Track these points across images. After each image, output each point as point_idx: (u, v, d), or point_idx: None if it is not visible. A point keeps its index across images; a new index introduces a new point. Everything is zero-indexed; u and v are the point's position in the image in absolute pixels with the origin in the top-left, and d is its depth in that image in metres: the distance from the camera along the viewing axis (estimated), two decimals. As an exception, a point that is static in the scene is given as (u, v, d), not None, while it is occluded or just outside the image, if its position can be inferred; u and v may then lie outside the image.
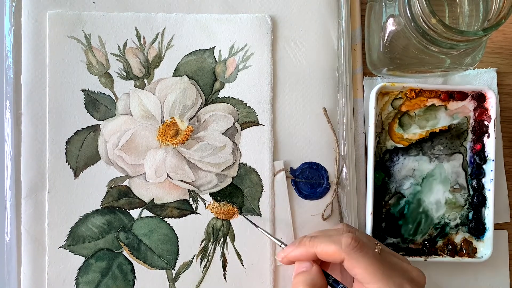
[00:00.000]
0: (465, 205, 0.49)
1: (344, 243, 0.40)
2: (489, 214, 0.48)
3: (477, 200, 0.48)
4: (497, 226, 0.50)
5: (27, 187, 0.46)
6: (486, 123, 0.48)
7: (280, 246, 0.45)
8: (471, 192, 0.49)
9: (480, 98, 0.48)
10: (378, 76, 0.50)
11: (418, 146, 0.49)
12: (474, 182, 0.49)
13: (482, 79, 0.50)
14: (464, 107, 0.49)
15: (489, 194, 0.48)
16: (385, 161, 0.49)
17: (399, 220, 0.49)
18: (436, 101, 0.49)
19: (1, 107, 0.46)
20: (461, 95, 0.48)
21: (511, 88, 0.51)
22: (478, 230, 0.48)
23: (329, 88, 0.48)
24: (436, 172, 0.49)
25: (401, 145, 0.49)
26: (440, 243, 0.49)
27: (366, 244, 0.40)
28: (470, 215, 0.49)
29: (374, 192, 0.47)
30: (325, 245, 0.41)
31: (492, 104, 0.48)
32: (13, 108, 0.46)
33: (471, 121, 0.49)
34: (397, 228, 0.49)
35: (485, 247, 0.48)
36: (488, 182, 0.48)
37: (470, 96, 0.49)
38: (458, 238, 0.49)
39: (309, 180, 0.48)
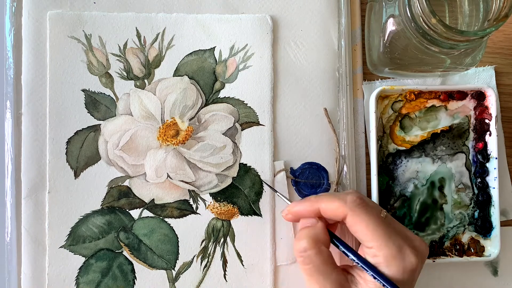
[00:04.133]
0: (471, 204, 0.49)
1: (349, 200, 0.40)
2: (495, 212, 0.48)
3: (482, 199, 0.48)
4: (503, 224, 0.50)
5: (28, 187, 0.46)
6: (487, 121, 0.48)
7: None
8: (476, 191, 0.49)
9: (479, 96, 0.48)
10: (377, 80, 0.50)
11: (421, 148, 0.49)
12: (478, 181, 0.49)
13: (481, 77, 0.50)
14: (464, 107, 0.49)
15: (494, 192, 0.48)
16: (388, 165, 0.49)
17: (405, 223, 0.48)
18: (436, 102, 0.49)
19: (1, 107, 0.46)
20: (460, 95, 0.48)
21: (511, 88, 0.51)
22: (484, 228, 0.48)
23: (330, 88, 0.48)
24: (439, 172, 0.49)
25: (404, 148, 0.49)
26: (447, 243, 0.49)
27: (371, 205, 0.40)
28: (476, 214, 0.49)
29: (379, 196, 0.47)
30: (329, 200, 0.41)
31: (492, 102, 0.48)
32: (14, 108, 0.46)
33: (472, 120, 0.49)
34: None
35: (492, 245, 0.48)
36: (492, 180, 0.48)
37: (469, 95, 0.49)
38: (465, 238, 0.49)
39: (309, 181, 0.48)
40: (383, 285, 0.38)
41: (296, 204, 0.43)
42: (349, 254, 0.41)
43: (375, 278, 0.38)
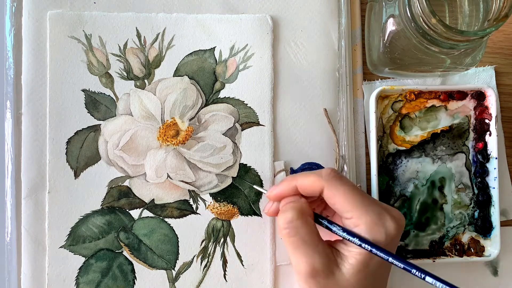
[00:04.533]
0: (471, 204, 0.49)
1: (324, 173, 0.40)
2: (495, 212, 0.48)
3: (482, 199, 0.48)
4: (503, 224, 0.50)
5: (28, 187, 0.45)
6: (487, 121, 0.48)
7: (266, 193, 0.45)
8: (476, 191, 0.49)
9: (479, 96, 0.48)
10: (377, 80, 0.50)
11: (421, 148, 0.49)
12: (478, 181, 0.49)
13: (481, 77, 0.50)
14: (464, 107, 0.49)
15: (494, 192, 0.48)
16: (388, 165, 0.49)
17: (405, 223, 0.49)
18: (436, 102, 0.49)
19: (1, 107, 0.46)
20: (460, 95, 0.48)
21: (511, 88, 0.51)
22: (484, 228, 0.48)
23: (330, 88, 0.48)
24: (439, 172, 0.49)
25: (404, 148, 0.49)
26: (447, 243, 0.49)
27: (346, 178, 0.41)
28: (476, 214, 0.49)
29: (379, 196, 0.47)
30: (305, 176, 0.41)
31: (492, 102, 0.48)
32: (14, 108, 0.46)
33: (472, 120, 0.49)
34: (404, 231, 0.48)
35: (492, 245, 0.48)
36: (492, 180, 0.48)
37: (469, 95, 0.49)
38: (465, 238, 0.49)
39: (309, 181, 0.48)
40: (370, 251, 0.38)
41: (273, 188, 0.43)
42: (332, 227, 0.41)
43: (361, 245, 0.38)
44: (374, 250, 0.38)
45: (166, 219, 0.47)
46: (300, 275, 0.40)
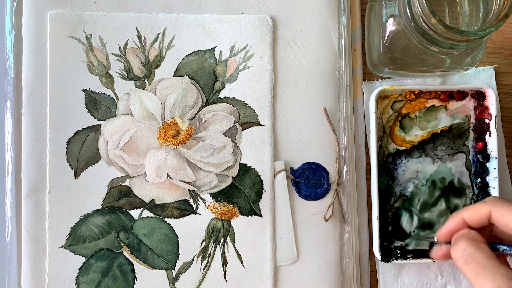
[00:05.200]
0: (471, 204, 0.49)
1: (488, 199, 0.40)
2: None
3: (482, 198, 0.48)
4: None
5: (28, 187, 0.46)
6: (487, 121, 0.48)
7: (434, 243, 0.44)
8: (476, 191, 0.49)
9: (479, 96, 0.48)
10: (377, 80, 0.50)
11: (421, 148, 0.49)
12: (478, 181, 0.49)
13: (481, 77, 0.50)
14: (464, 106, 0.49)
15: (494, 192, 0.48)
16: (388, 165, 0.49)
17: (405, 223, 0.48)
18: (436, 102, 0.49)
19: (1, 107, 0.46)
20: (460, 95, 0.48)
21: (511, 88, 0.51)
22: None
23: (330, 88, 0.49)
24: (440, 172, 0.49)
25: (404, 148, 0.49)
26: (447, 243, 0.49)
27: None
28: (477, 213, 0.49)
29: (379, 196, 0.47)
30: (469, 207, 0.41)
31: (491, 102, 0.48)
32: (14, 108, 0.46)
33: (472, 120, 0.49)
34: (404, 231, 0.48)
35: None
36: (492, 180, 0.48)
37: (469, 95, 0.49)
38: None
39: (309, 181, 0.48)
40: None
41: (441, 228, 0.42)
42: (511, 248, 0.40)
43: None
44: None
45: (166, 219, 0.47)
46: None
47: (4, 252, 0.46)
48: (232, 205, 0.47)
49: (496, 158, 0.48)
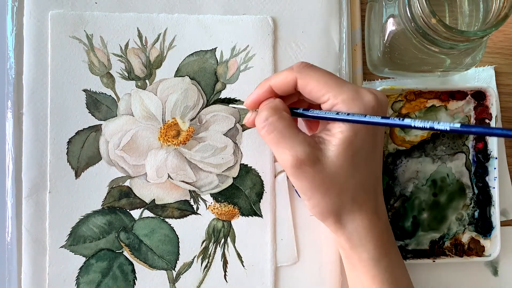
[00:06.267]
0: (471, 204, 0.49)
1: (295, 66, 0.40)
2: (495, 212, 0.48)
3: (482, 199, 0.48)
4: (503, 223, 0.50)
5: (28, 187, 0.45)
6: (487, 121, 0.48)
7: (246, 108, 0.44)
8: (476, 191, 0.49)
9: (479, 96, 0.48)
10: (377, 80, 0.50)
11: (421, 148, 0.49)
12: (478, 181, 0.49)
13: (481, 77, 0.50)
14: (464, 106, 0.49)
15: (494, 192, 0.48)
16: (388, 165, 0.49)
17: (405, 223, 0.48)
18: (436, 102, 0.49)
19: (2, 107, 0.46)
20: (460, 95, 0.49)
21: (511, 88, 0.51)
22: (484, 228, 0.48)
23: (330, 88, 0.49)
24: (440, 172, 0.49)
25: (404, 148, 0.49)
26: (447, 243, 0.49)
27: (318, 66, 0.40)
28: (476, 213, 0.49)
29: None
30: (277, 74, 0.41)
31: (492, 102, 0.48)
32: (15, 108, 0.46)
33: (472, 120, 0.49)
34: (404, 231, 0.48)
35: (492, 245, 0.48)
36: (492, 180, 0.48)
37: (469, 95, 0.49)
38: (465, 238, 0.49)
39: (310, 181, 0.48)
40: (347, 120, 0.37)
41: (249, 96, 0.43)
42: (309, 112, 0.40)
43: (337, 118, 0.38)
44: (356, 120, 0.37)
45: (167, 220, 0.47)
46: (287, 169, 0.39)
47: (5, 252, 0.46)
48: (232, 206, 0.47)
49: (496, 158, 0.48)
